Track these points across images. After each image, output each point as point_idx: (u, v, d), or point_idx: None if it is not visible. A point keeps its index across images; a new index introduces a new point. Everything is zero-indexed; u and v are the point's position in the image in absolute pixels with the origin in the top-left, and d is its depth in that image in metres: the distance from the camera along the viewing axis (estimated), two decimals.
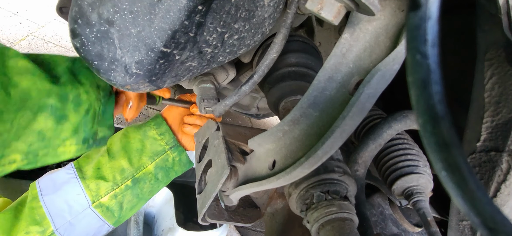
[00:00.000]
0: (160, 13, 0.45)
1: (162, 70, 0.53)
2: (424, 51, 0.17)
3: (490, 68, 0.54)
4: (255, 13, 0.56)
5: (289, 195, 0.56)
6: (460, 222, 0.62)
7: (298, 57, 0.79)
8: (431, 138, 0.17)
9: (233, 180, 0.58)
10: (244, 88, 0.69)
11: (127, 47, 0.49)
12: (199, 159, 0.70)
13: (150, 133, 0.88)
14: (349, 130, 0.42)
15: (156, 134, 0.88)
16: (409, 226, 0.87)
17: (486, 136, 0.55)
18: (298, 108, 0.50)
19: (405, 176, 0.65)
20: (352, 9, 0.43)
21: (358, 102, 0.41)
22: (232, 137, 0.67)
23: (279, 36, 0.61)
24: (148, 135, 0.87)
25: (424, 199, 0.63)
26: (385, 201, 0.91)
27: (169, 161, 0.89)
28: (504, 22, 0.46)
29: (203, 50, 0.55)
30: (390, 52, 0.44)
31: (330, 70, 0.50)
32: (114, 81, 0.53)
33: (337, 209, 0.49)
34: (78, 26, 0.48)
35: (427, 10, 0.17)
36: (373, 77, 0.42)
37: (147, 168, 0.85)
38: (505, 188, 0.53)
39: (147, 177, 0.85)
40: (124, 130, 0.89)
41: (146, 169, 0.85)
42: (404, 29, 0.44)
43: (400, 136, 0.71)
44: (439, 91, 0.17)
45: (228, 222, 0.62)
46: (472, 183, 0.17)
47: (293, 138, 0.51)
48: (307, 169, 0.44)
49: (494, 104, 0.54)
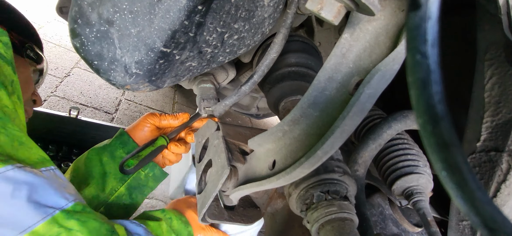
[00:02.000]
0: (160, 13, 0.45)
1: (162, 70, 0.53)
2: (424, 51, 0.17)
3: (490, 68, 0.54)
4: (255, 13, 0.56)
5: (289, 195, 0.56)
6: (460, 222, 0.62)
7: (298, 57, 0.79)
8: (431, 138, 0.17)
9: (233, 180, 0.58)
10: (244, 88, 0.69)
11: (127, 47, 0.49)
12: (199, 159, 0.70)
13: (117, 152, 0.81)
14: (349, 130, 0.42)
15: (123, 153, 0.81)
16: (409, 226, 0.87)
17: (486, 136, 0.55)
18: (298, 108, 0.50)
19: (405, 176, 0.65)
20: (352, 9, 0.43)
21: (358, 102, 0.41)
22: (232, 137, 0.66)
23: (279, 36, 0.61)
24: (115, 155, 0.80)
25: (424, 199, 0.63)
26: (385, 201, 0.91)
27: (142, 179, 0.83)
28: (504, 22, 0.46)
29: (203, 50, 0.55)
30: (390, 52, 0.44)
31: (330, 70, 0.49)
32: (114, 81, 0.53)
33: (337, 209, 0.49)
34: (78, 26, 0.48)
35: (427, 10, 0.17)
36: (373, 77, 0.42)
37: (119, 190, 0.79)
38: (505, 188, 0.53)
39: (121, 200, 0.79)
40: (87, 153, 0.81)
41: (118, 191, 0.78)
42: (404, 29, 0.44)
43: (400, 136, 0.71)
44: (439, 91, 0.17)
45: (228, 222, 0.62)
46: (472, 183, 0.17)
47: (293, 138, 0.51)
48: (307, 169, 0.44)
49: (494, 104, 0.54)
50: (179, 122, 0.87)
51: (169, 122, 0.87)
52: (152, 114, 0.87)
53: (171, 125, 0.88)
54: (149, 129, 0.85)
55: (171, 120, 0.87)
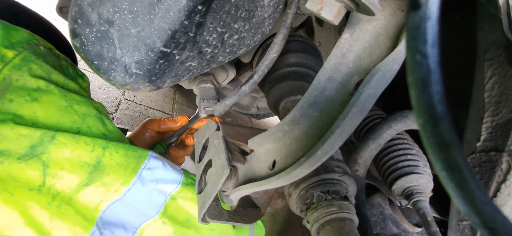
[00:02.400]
0: (160, 13, 0.45)
1: (162, 70, 0.53)
2: (424, 51, 0.17)
3: (490, 68, 0.54)
4: (255, 13, 0.56)
5: (289, 195, 0.56)
6: (460, 222, 0.62)
7: (298, 57, 0.79)
8: (431, 138, 0.17)
9: (233, 180, 0.58)
10: (244, 88, 0.69)
11: (127, 47, 0.49)
12: (199, 159, 0.70)
13: None
14: (349, 130, 0.42)
15: None
16: (409, 226, 0.87)
17: (486, 136, 0.55)
18: (298, 108, 0.50)
19: (405, 176, 0.65)
20: (352, 9, 0.43)
21: (358, 102, 0.41)
22: (232, 137, 0.67)
23: (279, 36, 0.61)
24: None
25: (424, 199, 0.63)
26: (385, 201, 0.91)
27: None
28: (504, 22, 0.46)
29: (203, 50, 0.55)
30: (390, 52, 0.44)
31: (330, 70, 0.49)
32: (114, 81, 0.53)
33: (337, 209, 0.49)
34: (78, 26, 0.48)
35: (427, 10, 0.17)
36: (373, 77, 0.42)
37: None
38: (505, 188, 0.53)
39: None
40: None
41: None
42: (404, 29, 0.44)
43: (400, 136, 0.71)
44: (439, 91, 0.17)
45: (228, 222, 0.62)
46: (472, 183, 0.17)
47: (293, 138, 0.51)
48: (307, 169, 0.44)
49: (494, 104, 0.54)
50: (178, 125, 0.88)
51: (168, 126, 0.88)
52: (151, 120, 0.88)
53: (170, 128, 0.89)
54: (150, 135, 0.87)
55: (170, 124, 0.88)
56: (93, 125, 0.59)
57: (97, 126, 0.60)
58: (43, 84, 0.55)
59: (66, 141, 0.54)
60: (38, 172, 0.53)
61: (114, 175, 0.59)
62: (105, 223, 0.59)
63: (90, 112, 0.60)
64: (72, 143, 0.55)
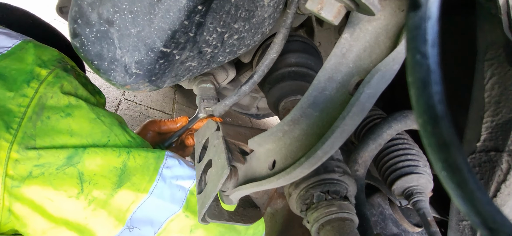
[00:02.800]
0: (160, 13, 0.45)
1: (162, 70, 0.53)
2: (424, 51, 0.17)
3: (490, 68, 0.54)
4: (255, 13, 0.56)
5: (289, 195, 0.56)
6: (460, 222, 0.62)
7: (298, 57, 0.79)
8: (431, 138, 0.17)
9: (233, 180, 0.58)
10: (244, 88, 0.69)
11: (127, 47, 0.49)
12: (199, 159, 0.70)
13: None
14: (349, 130, 0.42)
15: None
16: (409, 226, 0.87)
17: (486, 136, 0.55)
18: (298, 108, 0.50)
19: (405, 176, 0.65)
20: (352, 9, 0.43)
21: (358, 102, 0.41)
22: (232, 137, 0.67)
23: (279, 36, 0.61)
24: None
25: (424, 199, 0.63)
26: (385, 201, 0.91)
27: None
28: (504, 22, 0.46)
29: (203, 50, 0.55)
30: (390, 52, 0.44)
31: (330, 70, 0.49)
32: (114, 81, 0.53)
33: (337, 209, 0.49)
34: (78, 26, 0.48)
35: (427, 10, 0.17)
36: (373, 77, 0.42)
37: None
38: (505, 188, 0.53)
39: None
40: None
41: None
42: (404, 29, 0.44)
43: (400, 136, 0.71)
44: (439, 91, 0.17)
45: (228, 222, 0.62)
46: (472, 183, 0.17)
47: (293, 138, 0.51)
48: (307, 169, 0.44)
49: (494, 104, 0.54)
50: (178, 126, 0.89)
51: (169, 127, 0.89)
52: (152, 121, 0.90)
53: (171, 129, 0.90)
54: (151, 136, 0.88)
55: (170, 125, 0.90)
56: (120, 133, 0.65)
57: (123, 134, 0.65)
58: (73, 100, 0.60)
59: (96, 149, 0.60)
60: (75, 179, 0.58)
61: (140, 175, 0.64)
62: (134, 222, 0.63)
63: (114, 122, 0.65)
64: (101, 151, 0.60)
